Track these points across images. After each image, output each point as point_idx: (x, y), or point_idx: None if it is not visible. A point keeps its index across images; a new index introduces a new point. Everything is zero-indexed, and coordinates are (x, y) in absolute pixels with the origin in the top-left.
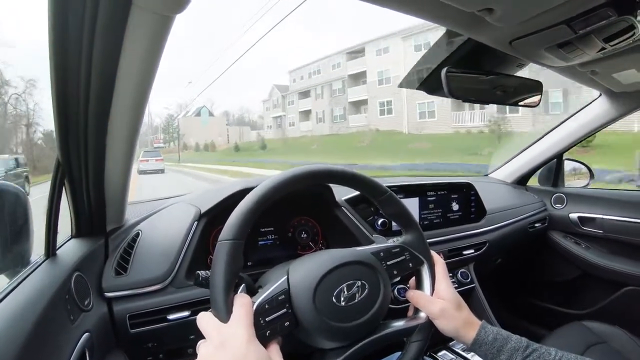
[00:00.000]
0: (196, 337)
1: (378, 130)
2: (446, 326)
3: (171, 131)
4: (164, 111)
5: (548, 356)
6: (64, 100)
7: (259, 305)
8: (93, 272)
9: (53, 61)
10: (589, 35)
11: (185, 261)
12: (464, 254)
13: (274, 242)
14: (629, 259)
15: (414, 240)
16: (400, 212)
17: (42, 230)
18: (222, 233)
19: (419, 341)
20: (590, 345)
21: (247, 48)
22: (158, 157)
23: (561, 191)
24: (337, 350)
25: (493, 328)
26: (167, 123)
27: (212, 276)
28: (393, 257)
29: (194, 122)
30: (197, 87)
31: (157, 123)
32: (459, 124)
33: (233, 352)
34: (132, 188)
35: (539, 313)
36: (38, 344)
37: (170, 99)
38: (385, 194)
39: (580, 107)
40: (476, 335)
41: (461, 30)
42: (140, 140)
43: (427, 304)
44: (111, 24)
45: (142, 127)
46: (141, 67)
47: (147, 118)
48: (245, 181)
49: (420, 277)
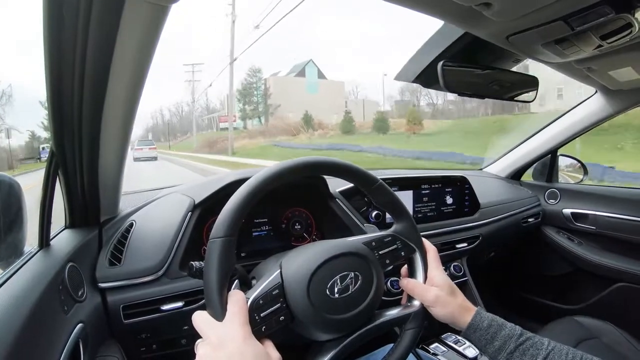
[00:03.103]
0: (189, 328)
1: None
2: (441, 312)
3: (256, 100)
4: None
5: (541, 346)
6: (58, 91)
7: (253, 300)
8: (87, 263)
9: (47, 51)
10: (586, 32)
11: (179, 252)
12: (457, 247)
13: (268, 233)
14: (621, 255)
15: (405, 229)
16: (391, 201)
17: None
18: (213, 230)
19: (413, 329)
20: (582, 340)
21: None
22: (151, 145)
23: (555, 187)
24: (333, 341)
25: (488, 314)
26: (246, 88)
27: (206, 274)
28: (385, 246)
29: (293, 85)
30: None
31: (218, 95)
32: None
33: (230, 352)
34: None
35: (531, 307)
36: (31, 334)
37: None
38: (376, 183)
39: (576, 104)
40: (471, 320)
41: (458, 24)
42: (181, 128)
43: (422, 292)
44: (106, 13)
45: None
46: (136, 58)
47: (186, 98)
48: (240, 172)
49: (413, 265)
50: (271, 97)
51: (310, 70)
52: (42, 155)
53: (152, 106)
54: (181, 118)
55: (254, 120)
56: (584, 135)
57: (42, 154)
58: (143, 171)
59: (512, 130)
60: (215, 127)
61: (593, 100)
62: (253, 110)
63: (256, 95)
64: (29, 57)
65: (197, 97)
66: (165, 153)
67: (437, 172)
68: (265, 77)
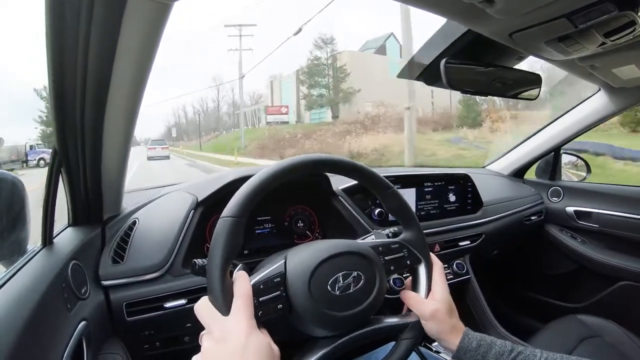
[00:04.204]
0: (192, 325)
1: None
2: (434, 328)
3: (325, 83)
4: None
5: (534, 358)
6: (61, 89)
7: (254, 284)
8: (90, 261)
9: (50, 50)
10: (589, 30)
11: (182, 249)
12: (460, 245)
13: (271, 230)
14: (624, 254)
15: (413, 238)
16: (402, 209)
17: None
18: (225, 209)
19: (409, 339)
20: (584, 338)
21: None
22: (164, 145)
23: (558, 184)
24: (328, 339)
25: (476, 334)
26: (311, 68)
27: (211, 253)
28: (391, 252)
29: (375, 65)
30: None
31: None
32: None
33: (233, 347)
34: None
35: (534, 306)
36: (35, 332)
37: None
38: (390, 189)
39: (579, 101)
40: (460, 343)
41: (461, 21)
42: (207, 125)
43: (420, 305)
44: (108, 12)
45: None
46: (138, 56)
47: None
48: (243, 170)
49: (417, 275)
50: (347, 78)
51: (392, 46)
52: (30, 156)
53: (174, 102)
54: (206, 115)
55: (320, 111)
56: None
57: (31, 154)
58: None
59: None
60: (253, 122)
61: (596, 97)
62: (318, 98)
63: (325, 76)
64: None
65: (245, 73)
66: (195, 156)
67: (440, 169)
68: (338, 52)
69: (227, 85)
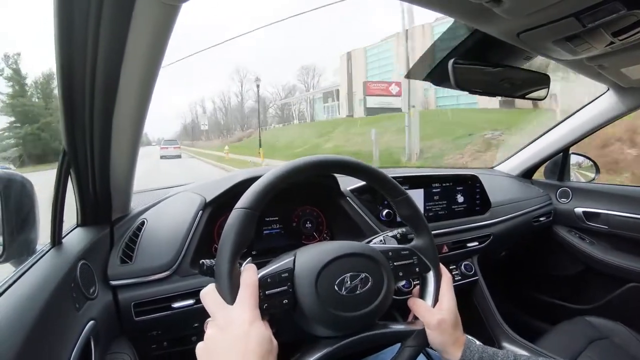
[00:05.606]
0: (200, 325)
1: None
2: (438, 339)
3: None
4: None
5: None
6: (70, 90)
7: (261, 277)
8: (98, 261)
9: (59, 50)
10: (597, 29)
11: (190, 250)
12: (468, 246)
13: (279, 231)
14: (634, 255)
15: (424, 246)
16: (414, 216)
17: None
18: (239, 202)
19: (413, 347)
20: (592, 340)
21: None
22: (176, 145)
23: (567, 185)
24: (330, 339)
25: (478, 346)
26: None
27: (221, 243)
28: (401, 258)
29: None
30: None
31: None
32: None
33: (236, 334)
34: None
35: (542, 307)
36: (43, 331)
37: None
38: (403, 195)
39: (588, 102)
40: (461, 356)
41: (469, 22)
42: (230, 122)
43: (427, 313)
44: (117, 13)
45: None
46: (147, 57)
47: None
48: (252, 170)
49: (425, 284)
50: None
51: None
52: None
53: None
54: (227, 112)
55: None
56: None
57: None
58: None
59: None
60: (295, 117)
61: (605, 98)
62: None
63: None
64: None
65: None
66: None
67: (448, 170)
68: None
69: (250, 77)
